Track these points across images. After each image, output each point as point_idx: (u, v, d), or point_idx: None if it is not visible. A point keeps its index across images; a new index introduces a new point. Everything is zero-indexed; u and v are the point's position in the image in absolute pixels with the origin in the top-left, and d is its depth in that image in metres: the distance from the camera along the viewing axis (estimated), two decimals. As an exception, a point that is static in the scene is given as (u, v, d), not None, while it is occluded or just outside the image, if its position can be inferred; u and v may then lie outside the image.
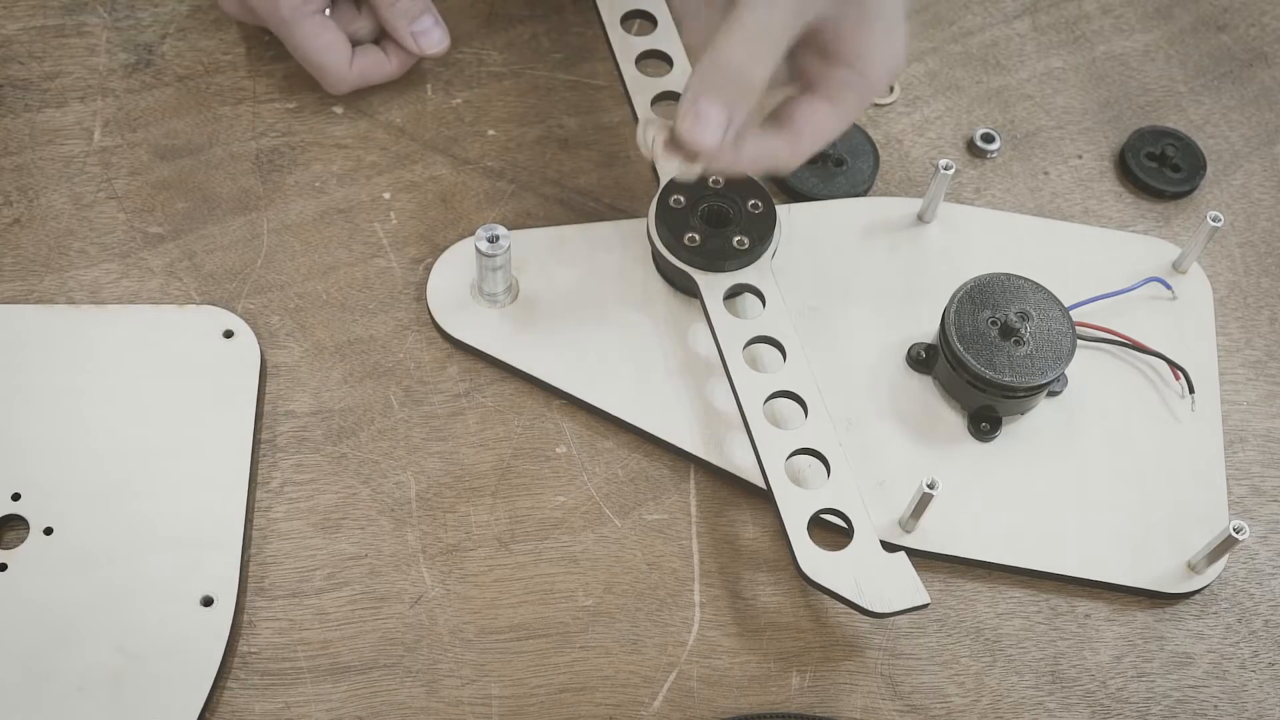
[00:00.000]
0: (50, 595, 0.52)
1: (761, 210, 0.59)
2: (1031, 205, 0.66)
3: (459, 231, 0.63)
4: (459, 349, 0.60)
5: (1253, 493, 0.59)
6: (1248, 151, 0.69)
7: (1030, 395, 0.56)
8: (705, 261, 0.58)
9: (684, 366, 0.59)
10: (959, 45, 0.72)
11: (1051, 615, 0.55)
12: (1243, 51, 0.73)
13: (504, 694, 0.52)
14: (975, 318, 0.57)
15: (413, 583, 0.54)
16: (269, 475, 0.56)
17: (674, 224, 0.58)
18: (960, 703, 0.53)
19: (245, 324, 0.59)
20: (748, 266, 0.58)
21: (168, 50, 0.68)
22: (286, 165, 0.64)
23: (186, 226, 0.62)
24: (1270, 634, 0.56)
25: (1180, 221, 0.67)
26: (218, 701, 0.51)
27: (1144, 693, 0.54)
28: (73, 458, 0.55)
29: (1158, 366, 0.60)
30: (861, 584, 0.51)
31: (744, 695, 0.53)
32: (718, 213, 0.59)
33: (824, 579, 0.51)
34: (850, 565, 0.52)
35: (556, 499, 0.57)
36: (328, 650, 0.53)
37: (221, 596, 0.52)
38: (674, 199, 0.59)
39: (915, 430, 0.58)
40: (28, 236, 0.61)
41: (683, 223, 0.58)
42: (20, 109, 0.65)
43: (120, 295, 0.60)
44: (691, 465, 0.58)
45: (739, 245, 0.58)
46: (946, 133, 0.69)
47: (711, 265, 0.58)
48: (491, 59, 0.69)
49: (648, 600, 0.55)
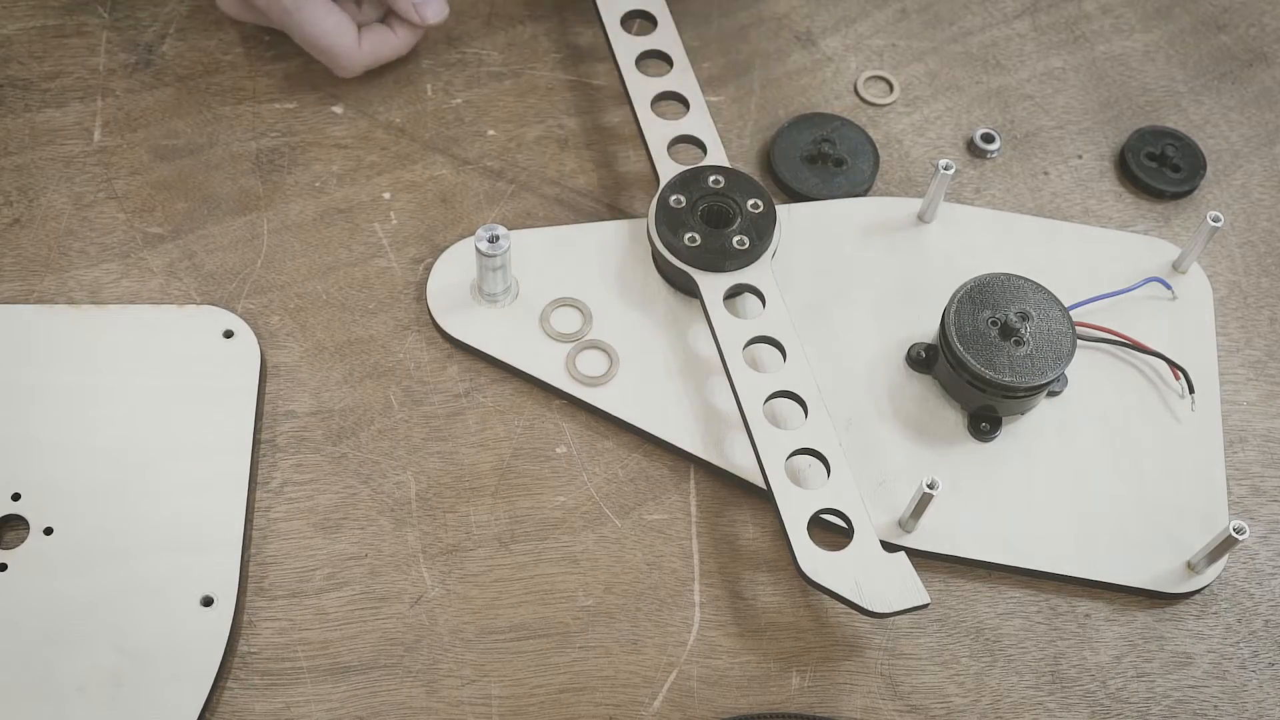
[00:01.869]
0: (50, 595, 0.52)
1: (762, 210, 0.59)
2: (1031, 205, 0.66)
3: (459, 231, 0.63)
4: (459, 349, 0.60)
5: (1253, 493, 0.59)
6: (1248, 151, 0.69)
7: (1030, 395, 0.56)
8: (705, 261, 0.58)
9: (684, 366, 0.59)
10: (959, 45, 0.72)
11: (1051, 615, 0.55)
12: (1243, 51, 0.73)
13: (504, 694, 0.52)
14: (975, 318, 0.57)
15: (413, 583, 0.54)
16: (269, 475, 0.56)
17: (674, 224, 0.58)
18: (960, 703, 0.53)
19: (245, 324, 0.59)
20: (748, 266, 0.58)
21: (168, 50, 0.68)
22: (286, 165, 0.64)
23: (186, 226, 0.62)
24: (1270, 634, 0.56)
25: (1180, 221, 0.67)
26: (218, 701, 0.51)
27: (1144, 693, 0.54)
28: (73, 458, 0.55)
29: (1158, 366, 0.60)
30: (861, 584, 0.51)
31: (744, 695, 0.53)
32: (718, 212, 0.59)
33: (824, 579, 0.51)
34: (850, 565, 0.52)
35: (556, 499, 0.57)
36: (328, 650, 0.53)
37: (221, 596, 0.52)
38: (674, 199, 0.59)
39: (915, 430, 0.58)
40: (28, 236, 0.61)
41: (682, 222, 0.58)
42: (20, 109, 0.65)
43: (120, 295, 0.60)
44: (691, 465, 0.58)
45: (739, 245, 0.58)
46: (946, 133, 0.69)
47: (711, 265, 0.58)
48: (491, 59, 0.69)
49: (648, 600, 0.55)
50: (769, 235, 0.58)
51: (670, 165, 0.61)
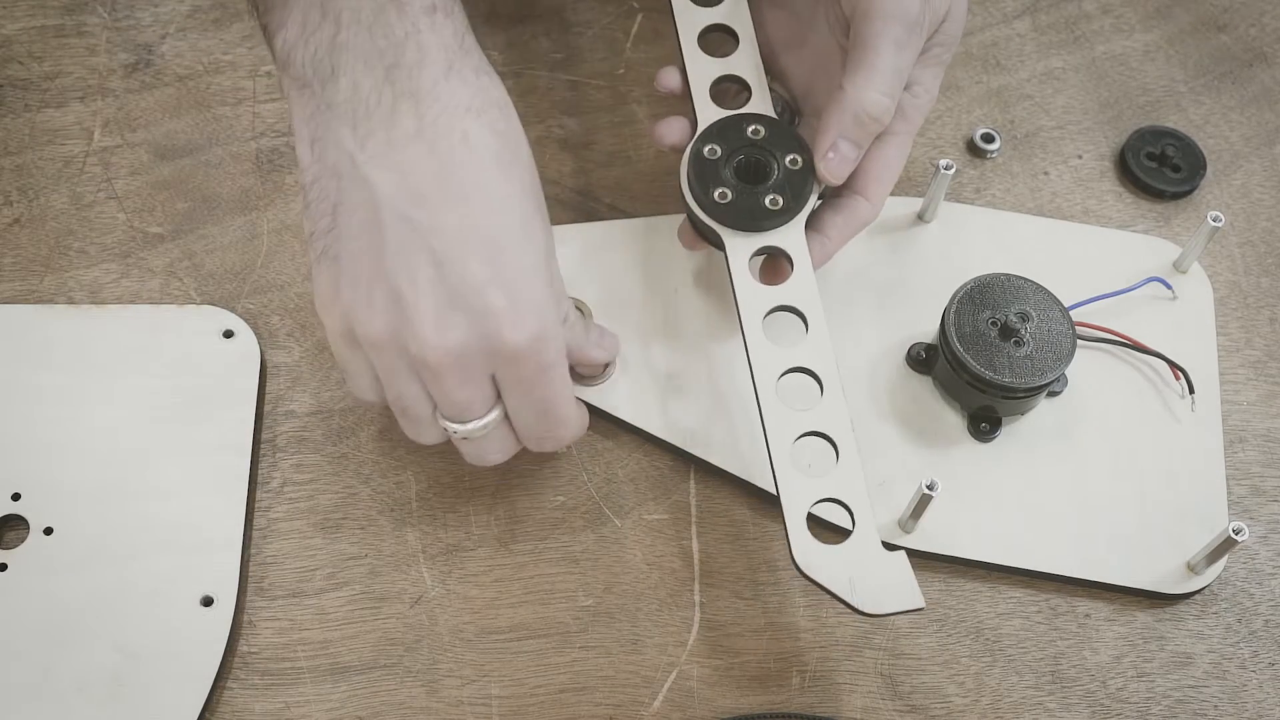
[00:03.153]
0: (50, 595, 0.52)
1: (800, 167, 0.54)
2: (1031, 205, 0.66)
3: (459, 231, 0.63)
4: (459, 349, 0.60)
5: (1253, 493, 0.59)
6: (1248, 151, 0.69)
7: (1030, 396, 0.56)
8: (735, 220, 0.54)
9: (685, 367, 0.59)
10: (959, 45, 0.72)
11: (1051, 615, 0.55)
12: (1243, 51, 0.73)
13: (504, 694, 0.52)
14: (975, 318, 0.56)
15: (413, 583, 0.54)
16: (269, 475, 0.56)
17: (706, 176, 0.54)
18: (960, 703, 0.53)
19: (245, 324, 0.59)
20: (780, 228, 0.54)
21: (168, 50, 0.68)
22: (286, 165, 0.64)
23: (186, 226, 0.62)
24: (1270, 634, 0.56)
25: (1180, 221, 0.67)
26: (218, 701, 0.51)
27: (1144, 693, 0.54)
28: (73, 458, 0.55)
29: (1158, 366, 0.60)
30: (856, 582, 0.49)
31: (744, 695, 0.53)
32: (754, 166, 0.55)
33: (817, 573, 0.49)
34: (847, 561, 0.49)
35: (556, 499, 0.57)
36: (328, 650, 0.53)
37: (221, 596, 0.52)
38: (709, 149, 0.54)
39: (915, 430, 0.58)
40: (28, 236, 0.61)
41: (715, 175, 0.54)
42: (20, 109, 0.65)
43: (120, 295, 0.60)
44: (691, 465, 0.58)
45: (771, 205, 0.53)
46: (946, 133, 0.69)
47: (741, 224, 0.54)
48: (491, 59, 0.68)
49: (648, 600, 0.55)
50: (805, 196, 0.54)
51: (711, 110, 0.56)
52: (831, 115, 0.52)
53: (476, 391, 0.48)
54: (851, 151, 0.53)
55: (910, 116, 0.55)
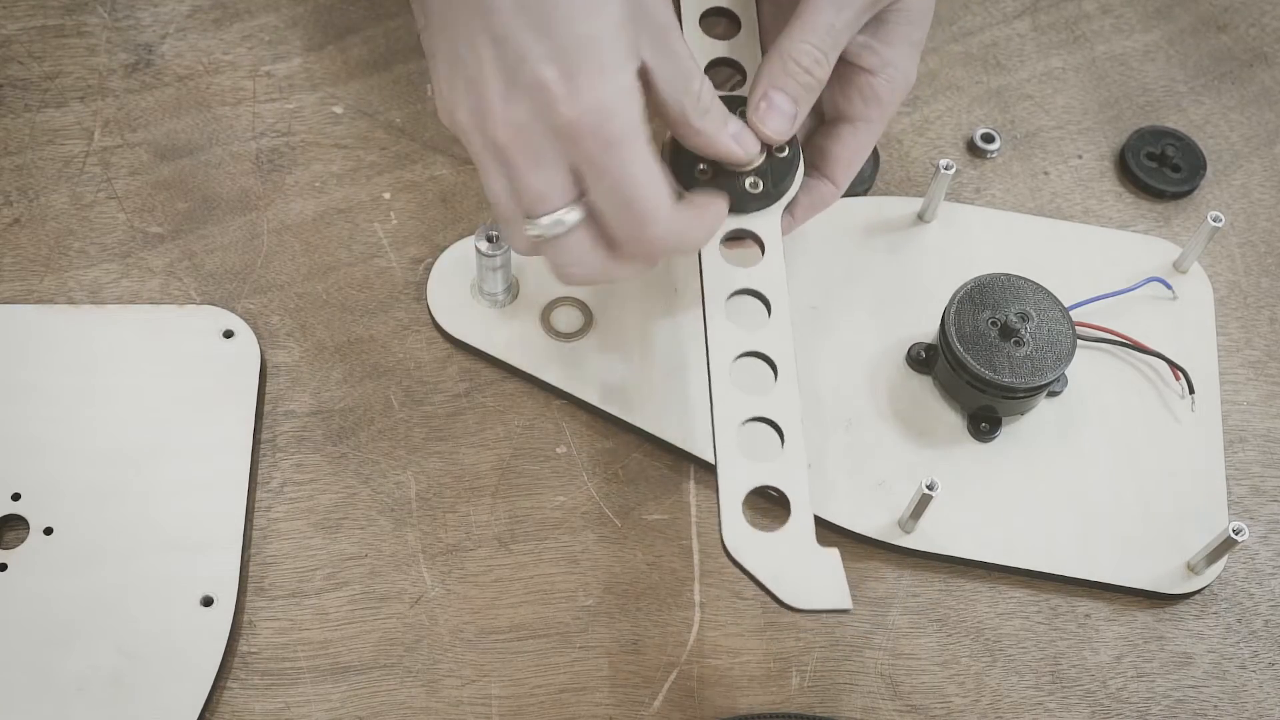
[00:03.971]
0: (50, 595, 0.52)
1: (786, 155, 0.53)
2: (1031, 205, 0.66)
3: (459, 231, 0.63)
4: (459, 349, 0.60)
5: (1253, 493, 0.59)
6: (1248, 151, 0.69)
7: (1030, 396, 0.56)
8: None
9: (684, 366, 0.59)
10: (959, 45, 0.72)
11: (1051, 615, 0.55)
12: (1243, 51, 0.73)
13: (504, 694, 0.52)
14: (975, 318, 0.57)
15: (413, 583, 0.54)
16: (269, 475, 0.56)
17: (688, 153, 0.52)
18: (960, 703, 0.53)
19: (245, 324, 0.59)
20: (756, 212, 0.53)
21: (168, 50, 0.68)
22: (286, 165, 0.64)
23: (186, 226, 0.62)
24: (1270, 634, 0.56)
25: (1180, 221, 0.67)
26: (218, 701, 0.51)
27: (1144, 693, 0.54)
28: (73, 458, 0.55)
29: (1158, 366, 0.60)
30: (782, 573, 0.47)
31: (744, 695, 0.53)
32: None
33: (745, 558, 0.47)
34: (777, 550, 0.47)
35: (556, 499, 0.57)
36: (328, 650, 0.53)
37: (221, 596, 0.52)
38: None
39: (915, 430, 0.58)
40: (28, 236, 0.61)
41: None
42: (20, 109, 0.65)
43: (120, 295, 0.60)
44: (691, 465, 0.58)
45: (751, 188, 0.52)
46: (946, 133, 0.69)
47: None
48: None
49: (648, 600, 0.55)
50: (786, 182, 0.53)
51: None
52: (763, 66, 0.51)
53: (551, 178, 0.47)
54: (785, 104, 0.51)
55: (883, 99, 0.53)
